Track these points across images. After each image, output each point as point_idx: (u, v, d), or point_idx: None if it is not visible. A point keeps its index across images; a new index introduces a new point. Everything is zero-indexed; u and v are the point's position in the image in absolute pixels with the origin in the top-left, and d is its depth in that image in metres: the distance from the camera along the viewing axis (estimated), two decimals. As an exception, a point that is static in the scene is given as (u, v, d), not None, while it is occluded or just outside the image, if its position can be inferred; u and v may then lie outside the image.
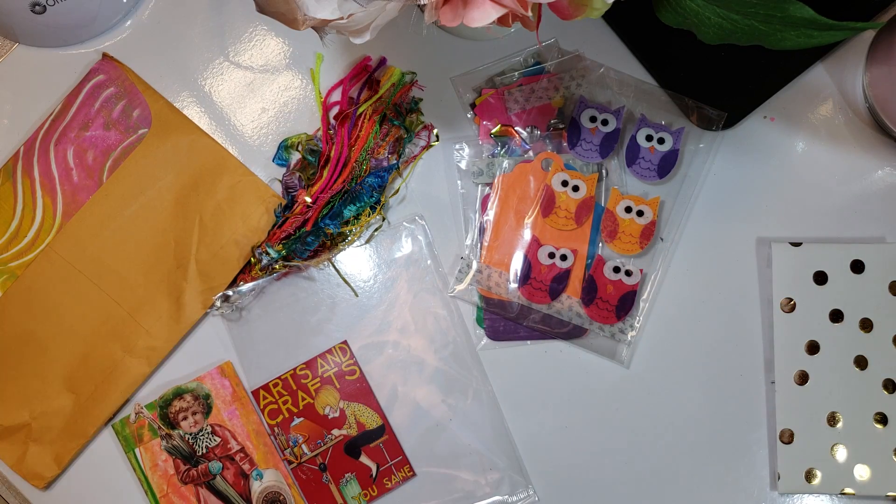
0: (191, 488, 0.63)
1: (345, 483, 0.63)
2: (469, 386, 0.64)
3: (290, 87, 0.68)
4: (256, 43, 0.68)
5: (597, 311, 0.63)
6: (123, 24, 0.68)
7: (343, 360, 0.64)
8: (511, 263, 0.64)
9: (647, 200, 0.63)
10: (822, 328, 0.62)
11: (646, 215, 0.63)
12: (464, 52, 0.66)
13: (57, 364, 0.64)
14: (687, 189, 0.64)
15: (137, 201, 0.65)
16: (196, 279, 0.64)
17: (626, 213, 0.63)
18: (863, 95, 0.64)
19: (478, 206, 0.65)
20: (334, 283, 0.65)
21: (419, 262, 0.65)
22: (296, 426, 0.64)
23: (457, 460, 0.63)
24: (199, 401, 0.64)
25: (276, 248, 0.63)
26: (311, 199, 0.64)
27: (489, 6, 0.45)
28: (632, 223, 0.63)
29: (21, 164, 0.65)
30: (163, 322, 0.64)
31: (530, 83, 0.65)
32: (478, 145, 0.65)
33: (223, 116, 0.67)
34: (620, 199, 0.64)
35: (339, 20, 0.48)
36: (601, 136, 0.64)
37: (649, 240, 0.63)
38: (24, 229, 0.65)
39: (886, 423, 0.61)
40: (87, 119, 0.65)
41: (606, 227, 0.64)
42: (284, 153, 0.66)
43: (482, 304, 0.64)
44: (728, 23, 0.50)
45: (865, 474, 0.61)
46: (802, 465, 0.61)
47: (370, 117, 0.65)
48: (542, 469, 0.63)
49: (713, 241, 0.64)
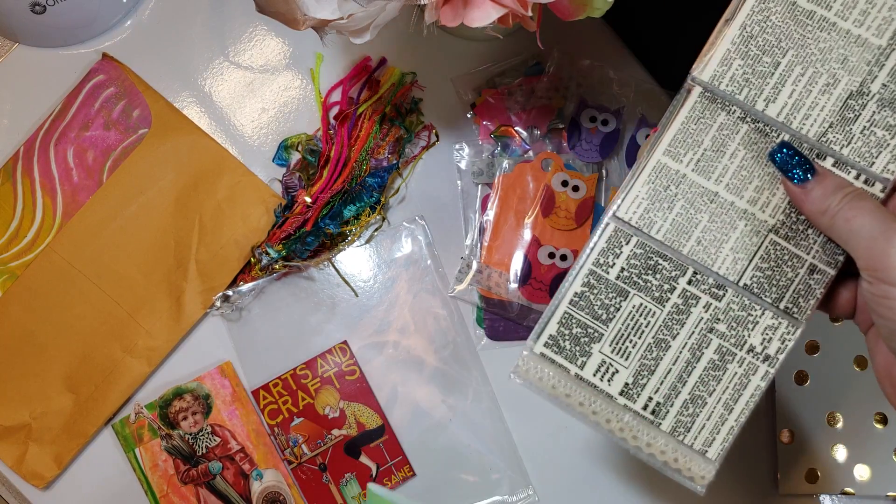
0: (191, 488, 0.63)
1: (345, 483, 0.63)
2: (469, 386, 0.64)
3: (290, 87, 0.68)
4: (256, 43, 0.68)
5: (597, 311, 0.63)
6: (123, 24, 0.68)
7: (343, 360, 0.64)
8: (511, 263, 0.64)
9: (647, 200, 0.63)
10: (822, 328, 0.62)
11: (646, 215, 0.63)
12: (464, 52, 0.66)
13: (57, 364, 0.64)
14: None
15: (137, 201, 0.65)
16: (196, 279, 0.64)
17: (626, 213, 0.63)
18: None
19: (478, 206, 0.65)
20: (334, 283, 0.65)
21: (419, 262, 0.65)
22: (296, 426, 0.64)
23: (457, 460, 0.63)
24: (199, 401, 0.64)
25: (276, 248, 0.63)
26: (311, 199, 0.64)
27: (489, 6, 0.45)
28: (632, 223, 0.63)
29: (21, 164, 0.65)
30: (163, 322, 0.64)
31: (530, 83, 0.65)
32: (478, 145, 0.65)
33: (223, 116, 0.67)
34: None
35: (339, 20, 0.48)
36: (601, 136, 0.64)
37: (649, 240, 0.63)
38: (24, 229, 0.65)
39: (886, 423, 0.61)
40: (87, 119, 0.65)
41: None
42: (284, 153, 0.66)
43: (482, 304, 0.64)
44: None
45: (865, 474, 0.61)
46: (802, 466, 0.61)
47: (370, 117, 0.65)
48: (542, 469, 0.63)
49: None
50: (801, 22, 0.44)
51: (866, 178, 0.43)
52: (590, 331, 0.45)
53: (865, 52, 0.44)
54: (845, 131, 0.44)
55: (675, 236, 0.45)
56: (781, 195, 0.44)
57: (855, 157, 0.43)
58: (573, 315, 0.45)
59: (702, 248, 0.45)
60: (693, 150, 0.45)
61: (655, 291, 0.45)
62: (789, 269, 0.44)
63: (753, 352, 0.44)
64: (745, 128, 0.45)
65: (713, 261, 0.45)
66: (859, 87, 0.44)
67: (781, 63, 0.44)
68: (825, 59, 0.44)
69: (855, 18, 0.44)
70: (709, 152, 0.45)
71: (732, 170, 0.45)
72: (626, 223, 0.45)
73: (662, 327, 0.45)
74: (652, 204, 0.45)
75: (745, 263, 0.44)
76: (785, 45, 0.44)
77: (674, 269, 0.45)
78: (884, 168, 0.43)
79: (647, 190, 0.45)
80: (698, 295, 0.45)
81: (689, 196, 0.45)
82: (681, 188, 0.45)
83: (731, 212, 0.45)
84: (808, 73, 0.44)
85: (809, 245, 0.44)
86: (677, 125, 0.45)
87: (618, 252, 0.45)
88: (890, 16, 0.43)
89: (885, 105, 0.43)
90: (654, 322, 0.45)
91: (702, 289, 0.45)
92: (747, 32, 0.45)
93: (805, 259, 0.44)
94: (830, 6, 0.44)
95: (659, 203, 0.45)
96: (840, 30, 0.44)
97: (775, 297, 0.44)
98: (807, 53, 0.44)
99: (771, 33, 0.44)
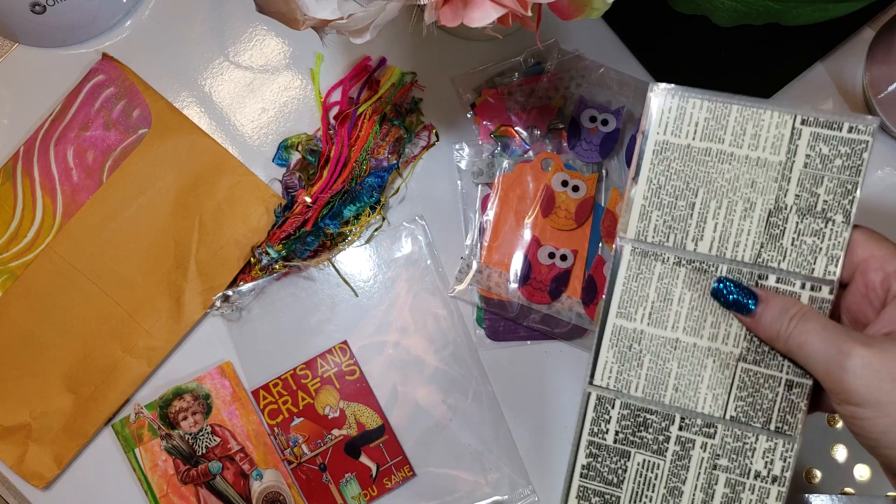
0: (191, 488, 0.63)
1: (345, 483, 0.63)
2: (469, 386, 0.64)
3: (290, 87, 0.68)
4: (256, 43, 0.68)
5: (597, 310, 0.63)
6: (123, 24, 0.68)
7: (343, 360, 0.64)
8: (511, 263, 0.64)
9: (647, 200, 0.63)
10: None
11: (646, 215, 0.63)
12: (464, 52, 0.66)
13: (57, 364, 0.64)
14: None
15: (137, 201, 0.65)
16: (196, 279, 0.64)
17: (626, 213, 0.63)
18: (863, 95, 0.64)
19: (478, 206, 0.65)
20: (334, 283, 0.65)
21: (419, 262, 0.65)
22: (296, 426, 0.64)
23: (457, 460, 0.63)
24: (199, 401, 0.64)
25: (276, 248, 0.63)
26: (311, 199, 0.64)
27: (489, 6, 0.45)
28: (632, 223, 0.63)
29: (21, 164, 0.65)
30: (163, 322, 0.64)
31: (530, 83, 0.65)
32: (478, 145, 0.65)
33: (223, 116, 0.67)
34: (620, 199, 0.64)
35: (339, 20, 0.48)
36: (601, 136, 0.64)
37: (649, 240, 0.63)
38: (24, 229, 0.65)
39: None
40: (87, 119, 0.65)
41: (606, 228, 0.64)
42: (284, 153, 0.66)
43: (482, 304, 0.64)
44: (742, 5, 0.51)
45: (865, 474, 0.61)
46: (802, 465, 0.61)
47: (370, 117, 0.65)
48: (542, 469, 0.63)
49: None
50: (701, 161, 0.46)
51: (812, 285, 0.44)
52: (607, 497, 0.47)
53: (769, 170, 0.45)
54: (777, 247, 0.45)
55: (654, 389, 0.46)
56: (738, 324, 0.45)
57: (794, 268, 0.44)
58: (588, 486, 0.47)
59: (681, 393, 0.46)
60: (642, 305, 0.46)
61: (653, 445, 0.46)
62: (768, 390, 0.45)
63: (760, 476, 0.45)
64: (683, 271, 0.46)
65: (695, 403, 0.46)
66: (776, 204, 0.45)
67: (696, 202, 0.46)
68: (735, 188, 0.45)
69: (749, 144, 0.45)
70: (657, 303, 0.46)
71: (685, 313, 0.46)
72: (606, 388, 0.47)
73: (670, 476, 0.46)
74: (622, 365, 0.47)
75: (725, 397, 0.46)
76: (693, 185, 0.46)
77: (662, 420, 0.46)
78: (824, 271, 0.44)
79: (613, 354, 0.47)
80: (692, 438, 0.46)
81: (653, 349, 0.46)
82: (643, 344, 0.46)
83: (696, 353, 0.46)
84: (724, 204, 0.45)
85: (779, 363, 0.45)
86: (619, 287, 0.47)
87: (607, 417, 0.47)
88: (779, 133, 0.45)
89: (804, 214, 0.44)
90: (661, 473, 0.46)
91: (693, 431, 0.46)
92: (655, 185, 0.46)
93: (780, 377, 0.45)
94: (723, 139, 0.45)
95: (628, 363, 0.46)
96: (739, 157, 0.45)
97: (764, 421, 0.45)
98: (717, 187, 0.45)
99: (677, 179, 0.46)
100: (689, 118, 0.46)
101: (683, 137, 0.46)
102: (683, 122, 0.46)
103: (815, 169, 0.44)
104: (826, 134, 0.44)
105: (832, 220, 0.44)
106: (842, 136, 0.44)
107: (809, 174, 0.45)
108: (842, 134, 0.44)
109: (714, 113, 0.45)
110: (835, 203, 0.44)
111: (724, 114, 0.45)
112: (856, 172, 0.44)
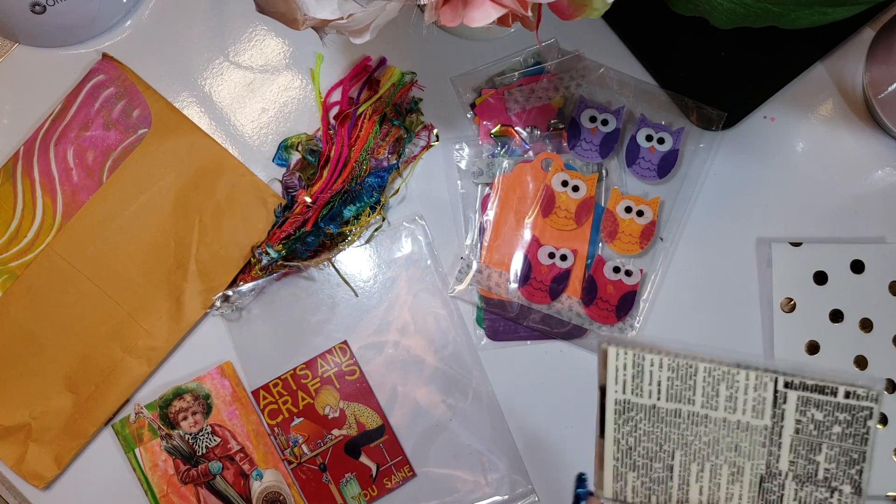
0: (191, 488, 0.63)
1: (345, 483, 0.63)
2: (469, 386, 0.64)
3: (290, 87, 0.68)
4: (256, 43, 0.68)
5: (597, 311, 0.63)
6: (123, 24, 0.68)
7: (343, 360, 0.64)
8: (511, 263, 0.64)
9: (646, 200, 0.63)
10: (823, 328, 0.62)
11: (646, 215, 0.63)
12: (464, 52, 0.66)
13: (57, 364, 0.64)
14: (687, 189, 0.64)
15: (137, 201, 0.65)
16: (196, 279, 0.64)
17: (626, 213, 0.63)
18: (863, 95, 0.64)
19: (478, 206, 0.65)
20: (334, 283, 0.65)
21: (419, 262, 0.65)
22: (296, 426, 0.64)
23: (457, 460, 0.63)
24: (199, 401, 0.64)
25: (276, 248, 0.63)
26: (311, 199, 0.64)
27: (489, 6, 0.45)
28: (632, 223, 0.63)
29: (21, 164, 0.65)
30: (163, 322, 0.64)
31: (530, 83, 0.65)
32: (478, 145, 0.65)
33: (223, 116, 0.67)
34: (620, 199, 0.64)
35: (339, 20, 0.48)
36: (601, 136, 0.64)
37: (649, 240, 0.63)
38: (24, 229, 0.65)
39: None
40: (87, 119, 0.65)
41: (606, 227, 0.64)
42: (284, 153, 0.66)
43: (482, 304, 0.64)
44: (740, 7, 0.50)
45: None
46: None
47: (370, 117, 0.65)
48: (542, 469, 0.63)
49: (713, 241, 0.64)
50: (671, 422, 0.41)
51: None
52: None
53: (754, 434, 0.40)
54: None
55: None
56: None
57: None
58: None
59: None
60: None
61: None
62: None
63: None
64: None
65: None
66: (767, 469, 0.41)
67: (674, 465, 0.42)
68: (717, 451, 0.41)
69: (724, 406, 0.40)
70: None
71: None
72: None
73: None
74: None
75: None
76: (668, 447, 0.42)
77: None
78: None
79: None
80: None
81: None
82: None
83: None
84: (706, 468, 0.41)
85: None
86: None
87: None
88: (759, 396, 0.40)
89: (803, 481, 0.40)
90: None
91: None
92: (624, 445, 0.42)
93: None
94: (693, 400, 0.41)
95: None
96: (716, 420, 0.41)
97: None
98: (694, 450, 0.41)
99: (648, 440, 0.42)
100: (648, 377, 0.41)
101: (646, 397, 0.41)
102: (644, 381, 0.41)
103: (808, 435, 0.40)
104: (817, 399, 0.39)
105: (839, 491, 0.40)
106: (837, 401, 0.39)
107: (804, 440, 0.40)
108: (837, 399, 0.39)
109: (678, 372, 0.40)
110: (839, 472, 0.40)
111: (690, 373, 0.40)
112: (861, 441, 0.39)
